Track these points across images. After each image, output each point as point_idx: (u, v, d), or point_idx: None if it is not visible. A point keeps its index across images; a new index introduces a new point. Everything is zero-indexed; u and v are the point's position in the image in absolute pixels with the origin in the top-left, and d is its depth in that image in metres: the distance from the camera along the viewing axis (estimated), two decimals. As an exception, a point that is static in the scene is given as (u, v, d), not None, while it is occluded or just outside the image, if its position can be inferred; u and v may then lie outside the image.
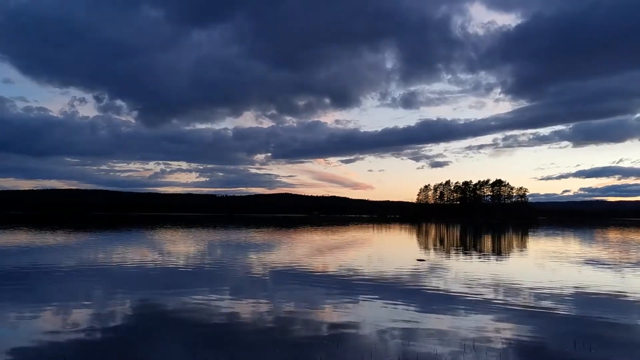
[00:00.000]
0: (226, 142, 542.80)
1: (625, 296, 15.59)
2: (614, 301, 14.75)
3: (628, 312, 13.08)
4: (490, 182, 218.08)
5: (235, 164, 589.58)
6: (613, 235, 64.59)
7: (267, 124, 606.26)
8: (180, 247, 34.69)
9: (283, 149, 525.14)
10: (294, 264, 23.90)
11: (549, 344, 9.79)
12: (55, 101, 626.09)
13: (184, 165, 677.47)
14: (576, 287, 17.38)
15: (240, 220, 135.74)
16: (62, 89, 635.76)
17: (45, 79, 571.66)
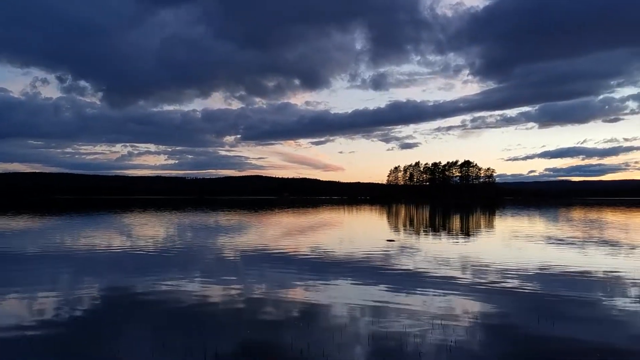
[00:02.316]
0: (195, 123, 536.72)
1: (588, 273, 16.08)
2: (576, 278, 15.20)
3: (590, 288, 13.50)
4: (459, 163, 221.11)
5: (205, 146, 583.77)
6: (576, 214, 66.39)
7: (236, 105, 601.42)
8: (150, 230, 34.32)
9: (253, 131, 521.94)
10: (264, 246, 23.91)
11: (514, 320, 10.06)
12: (16, 82, 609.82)
13: (152, 147, 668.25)
14: (541, 265, 17.85)
15: (210, 202, 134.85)
16: (23, 69, 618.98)
17: (5, 58, 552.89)
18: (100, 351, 8.12)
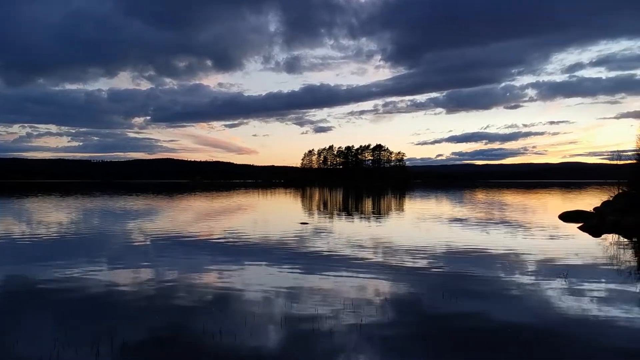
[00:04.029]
0: (100, 104, 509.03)
1: (489, 252, 17.07)
2: (478, 257, 16.10)
3: (490, 266, 14.35)
4: (371, 147, 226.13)
5: (112, 127, 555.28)
6: (479, 196, 70.19)
7: (145, 85, 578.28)
8: (52, 216, 32.41)
9: (163, 113, 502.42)
10: (176, 231, 23.34)
11: (421, 298, 10.50)
12: None
13: (53, 128, 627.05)
14: (447, 245, 18.72)
15: (119, 186, 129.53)
16: None
17: None
18: (-4, 346, 7.60)
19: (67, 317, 9.06)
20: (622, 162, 33.62)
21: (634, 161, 31.81)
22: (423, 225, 26.91)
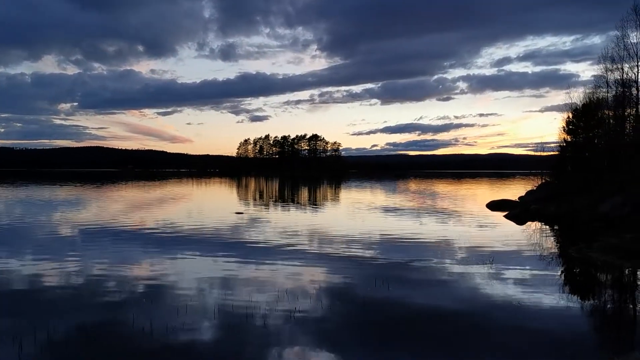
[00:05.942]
0: (23, 88, 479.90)
1: (421, 240, 17.54)
2: (411, 245, 16.50)
3: (422, 253, 14.73)
4: (307, 136, 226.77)
5: (36, 113, 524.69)
6: (412, 186, 71.92)
7: (72, 70, 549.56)
8: (-31, 206, 30.48)
9: (92, 99, 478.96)
10: (106, 222, 22.50)
11: (354, 286, 10.65)
12: None
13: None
14: (381, 233, 19.07)
15: (44, 175, 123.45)
16: None
17: None
18: None
19: (-15, 313, 8.56)
20: (545, 154, 35.38)
21: (556, 153, 33.51)
22: (358, 214, 27.30)
